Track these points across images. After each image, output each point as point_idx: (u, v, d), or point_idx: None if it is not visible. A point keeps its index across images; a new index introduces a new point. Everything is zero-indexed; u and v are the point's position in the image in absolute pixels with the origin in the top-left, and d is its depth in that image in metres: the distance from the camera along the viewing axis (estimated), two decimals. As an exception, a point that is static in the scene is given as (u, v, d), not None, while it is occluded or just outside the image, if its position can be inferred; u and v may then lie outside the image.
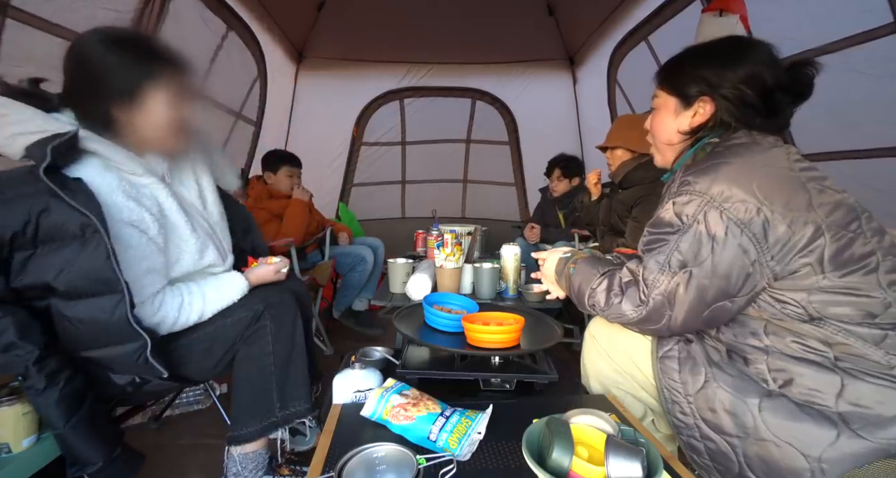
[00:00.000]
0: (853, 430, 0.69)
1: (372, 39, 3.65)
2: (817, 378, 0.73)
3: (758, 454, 0.75)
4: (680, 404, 0.85)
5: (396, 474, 0.69)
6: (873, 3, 1.40)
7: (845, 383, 0.72)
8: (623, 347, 0.99)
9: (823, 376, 0.73)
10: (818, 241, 0.73)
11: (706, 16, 1.93)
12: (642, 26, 2.71)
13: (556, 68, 3.95)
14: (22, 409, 0.94)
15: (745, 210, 0.74)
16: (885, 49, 1.42)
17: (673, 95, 0.93)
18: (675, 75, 0.93)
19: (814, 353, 0.75)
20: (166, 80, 0.99)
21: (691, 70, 0.90)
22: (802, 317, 0.75)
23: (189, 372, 1.07)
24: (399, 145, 4.19)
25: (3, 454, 0.92)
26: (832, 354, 0.74)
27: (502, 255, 1.70)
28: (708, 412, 0.81)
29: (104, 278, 0.86)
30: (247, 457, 1.12)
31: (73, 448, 0.89)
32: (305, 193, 2.42)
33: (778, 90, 0.83)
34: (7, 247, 0.85)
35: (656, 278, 0.80)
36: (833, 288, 0.73)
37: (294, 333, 1.13)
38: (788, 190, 0.75)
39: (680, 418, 0.85)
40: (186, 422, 1.62)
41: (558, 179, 2.89)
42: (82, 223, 0.84)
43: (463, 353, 1.08)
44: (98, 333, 0.89)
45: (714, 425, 0.80)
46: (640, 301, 0.82)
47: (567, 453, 0.64)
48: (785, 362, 0.76)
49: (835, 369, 0.73)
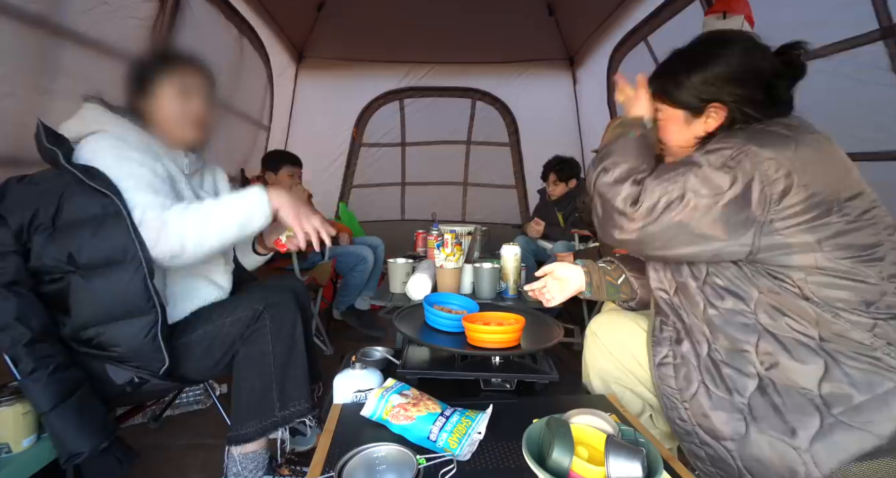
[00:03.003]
0: (835, 415, 0.70)
1: (372, 39, 3.65)
2: (802, 360, 0.74)
3: (753, 455, 0.75)
4: (678, 410, 0.86)
5: (396, 474, 0.69)
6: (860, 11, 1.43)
7: (829, 367, 0.72)
8: (624, 343, 1.00)
9: (808, 359, 0.73)
10: (827, 218, 0.73)
11: (710, 19, 1.89)
12: (642, 27, 2.71)
13: (557, 68, 3.95)
14: (22, 409, 0.94)
15: (775, 169, 0.73)
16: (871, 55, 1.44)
17: (679, 109, 0.92)
18: (673, 89, 0.91)
19: (802, 334, 0.75)
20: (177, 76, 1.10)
21: (687, 81, 0.88)
22: (797, 295, 0.76)
23: (188, 371, 1.07)
24: (399, 147, 4.19)
25: (3, 454, 0.92)
26: (818, 334, 0.74)
27: (502, 255, 1.70)
28: (702, 418, 0.81)
29: (124, 248, 0.93)
30: (247, 457, 1.12)
31: (60, 435, 0.89)
32: (304, 193, 2.43)
33: (774, 77, 0.83)
34: (26, 231, 0.94)
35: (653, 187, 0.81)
36: (832, 270, 0.74)
37: (294, 332, 1.13)
38: (823, 165, 0.75)
39: (679, 424, 0.86)
40: (186, 422, 1.62)
41: (554, 183, 2.88)
42: (103, 203, 0.93)
43: (463, 353, 1.08)
44: (115, 302, 0.94)
45: (709, 430, 0.80)
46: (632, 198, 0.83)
47: (567, 453, 0.64)
48: (773, 343, 0.76)
49: (819, 352, 0.74)
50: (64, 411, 0.89)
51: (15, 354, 0.89)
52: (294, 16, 3.26)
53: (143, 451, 1.03)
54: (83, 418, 0.92)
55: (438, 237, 1.94)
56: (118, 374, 0.99)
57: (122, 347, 0.96)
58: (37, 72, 1.47)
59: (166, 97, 1.09)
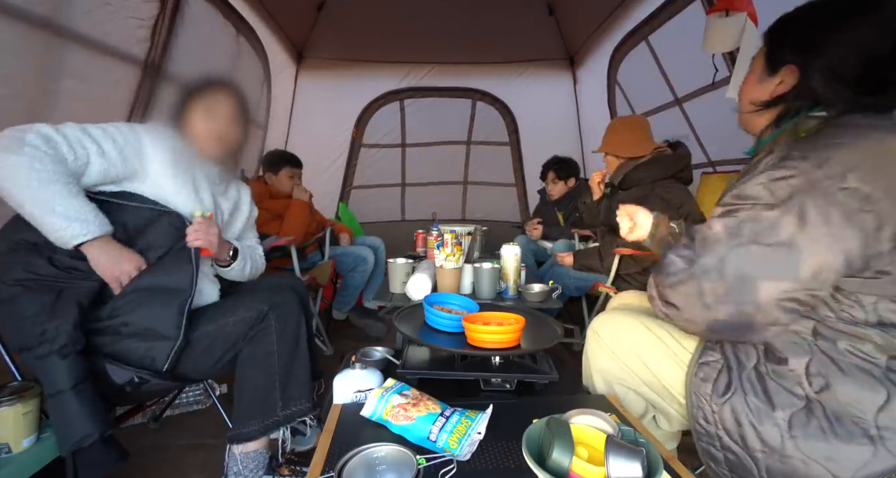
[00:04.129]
0: (888, 448, 0.65)
1: (372, 40, 3.65)
2: (861, 387, 0.67)
3: (781, 471, 0.70)
4: (704, 411, 0.81)
5: (396, 474, 0.69)
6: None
7: (892, 396, 0.66)
8: (628, 343, 0.97)
9: (868, 386, 0.67)
10: None
11: (712, 18, 1.89)
12: (642, 26, 2.70)
13: (557, 68, 3.96)
14: (22, 409, 0.94)
15: (859, 198, 0.63)
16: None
17: (764, 56, 0.82)
18: (775, 33, 0.81)
19: (864, 359, 0.69)
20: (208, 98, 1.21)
21: (790, 29, 0.78)
22: (861, 322, 0.69)
23: (188, 370, 1.08)
24: (399, 147, 4.19)
25: (3, 454, 0.92)
26: (885, 362, 0.68)
27: (502, 255, 1.70)
28: (732, 423, 0.76)
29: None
30: (248, 456, 1.12)
31: (73, 416, 0.90)
32: (305, 193, 2.42)
33: (888, 62, 0.69)
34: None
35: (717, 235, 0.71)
36: None
37: (298, 332, 1.14)
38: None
39: (702, 424, 0.81)
40: (186, 422, 1.61)
41: (553, 182, 2.88)
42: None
43: (463, 353, 1.08)
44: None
45: (736, 437, 0.76)
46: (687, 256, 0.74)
47: (567, 453, 0.64)
48: (828, 365, 0.70)
49: (883, 380, 0.67)
50: (81, 392, 0.91)
51: (57, 331, 0.91)
52: (294, 16, 3.26)
53: (143, 451, 1.03)
54: (95, 401, 0.94)
55: (438, 237, 1.94)
56: (118, 374, 1.00)
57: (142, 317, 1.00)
58: (40, 72, 1.47)
59: (199, 115, 1.19)
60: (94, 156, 1.02)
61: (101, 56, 1.70)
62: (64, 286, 0.98)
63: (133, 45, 1.86)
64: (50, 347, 0.90)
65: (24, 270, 0.98)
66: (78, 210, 0.97)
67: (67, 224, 0.95)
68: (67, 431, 0.91)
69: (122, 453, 0.98)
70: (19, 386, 0.99)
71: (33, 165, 0.92)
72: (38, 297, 0.96)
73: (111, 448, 0.95)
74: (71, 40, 1.56)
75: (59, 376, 0.90)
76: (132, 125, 1.14)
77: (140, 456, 1.35)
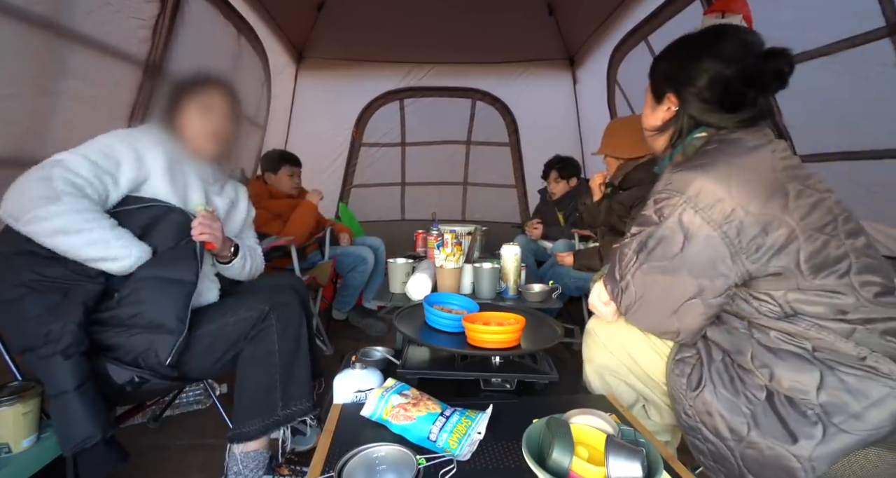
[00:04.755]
0: (836, 424, 0.71)
1: (372, 39, 3.65)
2: (797, 370, 0.74)
3: (753, 457, 0.76)
4: (683, 405, 0.86)
5: (396, 474, 0.69)
6: (867, 7, 1.41)
7: (824, 375, 0.73)
8: (619, 340, 1.02)
9: (803, 368, 0.74)
10: (793, 244, 0.74)
11: (708, 18, 1.91)
12: (642, 26, 2.70)
13: (557, 68, 3.95)
14: (22, 409, 0.94)
15: (720, 210, 0.74)
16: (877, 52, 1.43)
17: (650, 90, 0.95)
18: (653, 70, 0.94)
19: (794, 345, 0.76)
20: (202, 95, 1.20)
21: (662, 65, 0.92)
22: (778, 314, 0.77)
23: (188, 369, 1.08)
24: (399, 147, 4.19)
25: (3, 454, 0.92)
26: (810, 345, 0.75)
27: (502, 255, 1.70)
28: (706, 415, 0.82)
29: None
30: (248, 456, 1.12)
31: (76, 417, 0.91)
32: (316, 196, 2.43)
33: (739, 83, 0.81)
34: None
35: (629, 263, 0.84)
36: (809, 288, 0.74)
37: (300, 332, 1.15)
38: (766, 192, 0.74)
39: (684, 418, 0.87)
40: (186, 422, 1.61)
41: (555, 181, 2.88)
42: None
43: (463, 353, 1.08)
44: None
45: (712, 428, 0.81)
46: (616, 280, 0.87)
47: (567, 453, 0.64)
48: (767, 355, 0.77)
49: (813, 361, 0.74)
50: (84, 393, 0.92)
51: (62, 331, 0.91)
52: (294, 16, 3.26)
53: (143, 451, 1.03)
54: (97, 402, 0.94)
55: (438, 237, 1.94)
56: (119, 373, 1.00)
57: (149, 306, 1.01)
58: (41, 73, 1.47)
59: (190, 114, 1.18)
60: (111, 187, 1.05)
61: (102, 56, 1.70)
62: (71, 287, 0.98)
63: (134, 46, 1.86)
64: (54, 348, 0.90)
65: (30, 272, 0.98)
66: (129, 238, 1.04)
67: (128, 252, 1.02)
68: (70, 431, 0.91)
69: (123, 453, 0.98)
70: (19, 386, 0.99)
71: (77, 210, 0.97)
72: (43, 298, 0.96)
73: (112, 449, 0.95)
74: (72, 40, 1.56)
75: (62, 376, 0.90)
76: (130, 133, 1.13)
77: (140, 456, 1.34)
